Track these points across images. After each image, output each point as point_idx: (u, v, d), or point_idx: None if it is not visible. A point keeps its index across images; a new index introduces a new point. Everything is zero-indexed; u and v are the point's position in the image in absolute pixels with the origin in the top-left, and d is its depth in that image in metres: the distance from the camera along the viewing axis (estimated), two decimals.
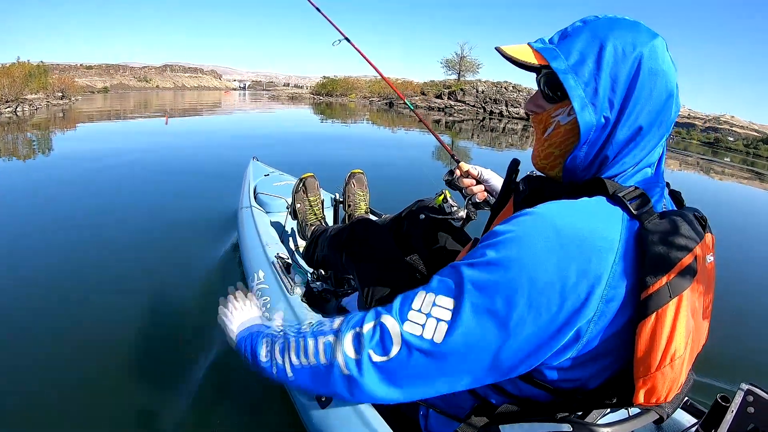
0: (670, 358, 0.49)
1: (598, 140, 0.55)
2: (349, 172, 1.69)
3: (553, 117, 0.58)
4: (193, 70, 51.60)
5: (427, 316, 0.51)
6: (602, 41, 0.53)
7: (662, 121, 0.54)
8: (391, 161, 5.52)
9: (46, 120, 8.89)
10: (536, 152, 0.62)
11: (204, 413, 1.20)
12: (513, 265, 0.49)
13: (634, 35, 0.53)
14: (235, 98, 25.51)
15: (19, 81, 11.50)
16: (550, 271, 0.48)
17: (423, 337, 0.51)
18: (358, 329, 0.55)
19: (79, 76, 29.88)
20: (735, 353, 1.72)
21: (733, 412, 0.60)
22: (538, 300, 0.48)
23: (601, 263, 0.48)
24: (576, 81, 0.53)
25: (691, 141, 29.75)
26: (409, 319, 0.52)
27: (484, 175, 1.03)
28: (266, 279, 1.30)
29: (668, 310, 0.48)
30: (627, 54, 0.52)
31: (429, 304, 0.52)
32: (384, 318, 0.53)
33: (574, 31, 0.56)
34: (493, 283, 0.49)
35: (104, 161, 4.43)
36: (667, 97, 0.54)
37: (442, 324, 0.50)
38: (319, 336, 0.59)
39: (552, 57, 0.54)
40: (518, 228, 0.51)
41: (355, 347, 0.54)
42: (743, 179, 10.36)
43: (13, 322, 1.54)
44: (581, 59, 0.53)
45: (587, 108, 0.53)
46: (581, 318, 0.48)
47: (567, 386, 0.57)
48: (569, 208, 0.51)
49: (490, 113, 23.52)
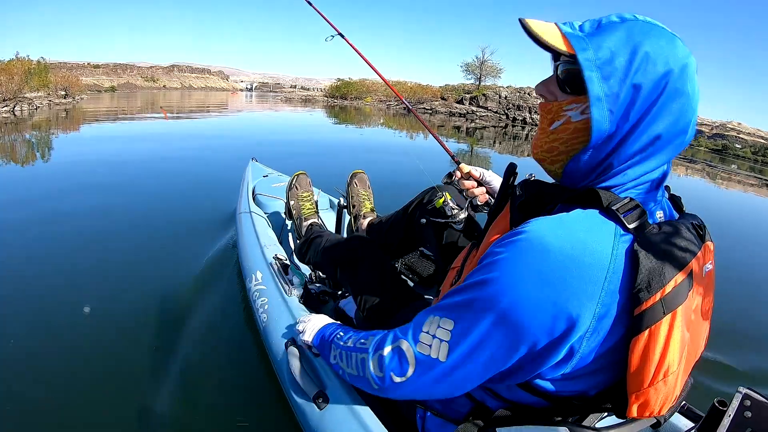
0: (663, 374, 0.49)
1: (605, 148, 0.52)
2: (350, 173, 1.69)
3: (565, 110, 0.54)
4: (201, 71, 51.55)
5: (433, 337, 0.56)
6: (636, 44, 0.49)
7: (675, 142, 0.52)
8: (392, 162, 5.53)
9: (46, 120, 8.61)
10: (538, 142, 0.59)
11: (200, 414, 1.19)
12: (502, 287, 0.50)
13: (669, 49, 0.49)
14: (242, 99, 25.23)
15: (17, 78, 10.99)
16: (540, 290, 0.48)
17: (431, 356, 0.56)
18: (381, 352, 0.62)
19: (86, 75, 29.83)
20: (732, 357, 1.72)
21: (730, 416, 0.59)
22: (526, 319, 0.49)
23: (592, 280, 0.47)
24: (600, 81, 0.49)
25: (699, 148, 29.44)
26: (421, 341, 0.58)
27: (486, 177, 1.01)
28: (264, 280, 1.30)
29: (662, 327, 0.48)
30: (658, 66, 0.49)
31: (435, 326, 0.57)
32: (401, 342, 0.60)
33: (609, 25, 0.51)
34: (482, 304, 0.52)
35: (104, 162, 4.43)
36: (685, 121, 0.51)
37: (444, 344, 0.55)
38: (357, 353, 0.68)
39: (581, 48, 0.50)
40: (507, 250, 0.51)
41: (379, 367, 0.63)
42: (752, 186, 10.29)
43: (13, 322, 1.54)
44: (611, 58, 0.49)
45: (604, 113, 0.50)
46: (573, 335, 0.48)
47: (563, 395, 0.57)
48: (560, 224, 0.50)
49: (513, 120, 22.85)
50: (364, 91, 28.78)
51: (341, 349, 0.74)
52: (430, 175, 1.27)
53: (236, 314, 1.63)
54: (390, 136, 9.84)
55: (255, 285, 1.30)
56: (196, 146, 5.84)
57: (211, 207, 2.91)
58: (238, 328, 1.56)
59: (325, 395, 0.82)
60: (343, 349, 0.73)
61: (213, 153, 5.43)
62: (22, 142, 5.80)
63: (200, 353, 1.41)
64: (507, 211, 0.64)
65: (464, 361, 0.54)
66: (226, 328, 1.56)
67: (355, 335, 0.74)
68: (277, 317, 1.12)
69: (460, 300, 0.55)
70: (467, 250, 0.74)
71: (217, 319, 1.60)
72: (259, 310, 1.20)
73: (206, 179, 3.93)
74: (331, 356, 0.78)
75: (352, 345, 0.71)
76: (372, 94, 27.95)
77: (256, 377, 1.32)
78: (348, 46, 1.55)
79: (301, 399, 0.86)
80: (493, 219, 0.69)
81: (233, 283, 1.85)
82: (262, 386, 1.27)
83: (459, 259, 0.75)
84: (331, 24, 1.57)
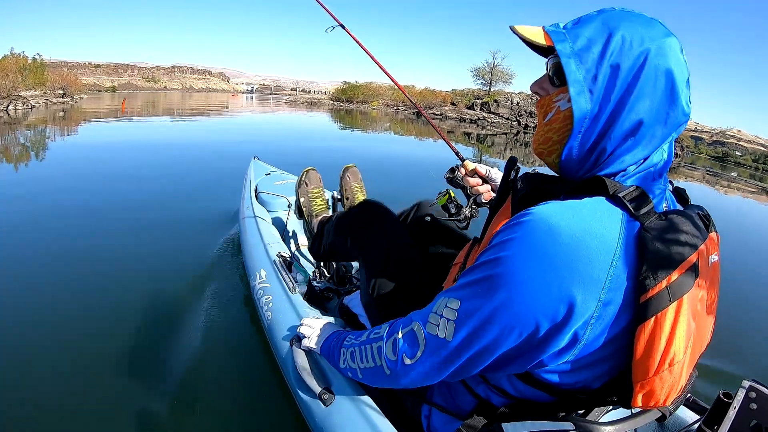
0: (669, 363, 0.49)
1: (593, 131, 0.53)
2: (342, 168, 1.69)
3: (555, 102, 0.57)
4: (202, 72, 51.27)
5: (440, 316, 0.57)
6: (611, 30, 0.52)
7: (666, 119, 0.52)
8: (391, 159, 5.51)
9: (42, 120, 8.34)
10: (537, 137, 0.61)
11: (206, 412, 1.20)
12: (508, 267, 0.50)
13: (646, 30, 0.52)
14: (242, 102, 24.90)
15: (12, 76, 10.53)
16: (545, 271, 0.48)
17: (438, 336, 0.57)
18: (396, 335, 0.63)
19: (87, 75, 29.73)
20: (738, 350, 1.72)
21: (735, 408, 0.59)
22: (531, 300, 0.49)
23: (598, 266, 0.47)
24: (578, 66, 0.53)
25: (699, 155, 29.34)
26: (430, 321, 0.58)
27: (492, 174, 1.01)
28: (268, 278, 1.30)
29: (668, 314, 0.48)
30: (634, 46, 0.51)
31: (443, 306, 0.57)
32: (413, 324, 0.61)
33: (587, 18, 0.55)
34: (487, 284, 0.52)
35: (103, 163, 4.44)
36: (674, 96, 0.51)
37: (450, 323, 0.55)
38: (372, 343, 0.68)
39: (559, 40, 0.54)
40: (515, 231, 0.51)
41: (393, 350, 0.63)
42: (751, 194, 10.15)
43: (13, 323, 1.55)
44: (587, 45, 0.53)
45: (584, 94, 0.53)
46: (576, 320, 0.48)
47: (567, 387, 0.57)
48: (567, 208, 0.50)
49: (525, 127, 22.22)
50: (370, 94, 27.81)
51: (354, 347, 0.73)
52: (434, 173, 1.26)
53: (240, 312, 1.64)
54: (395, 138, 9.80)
55: (259, 283, 1.31)
56: (196, 146, 5.84)
57: (213, 206, 2.92)
58: (242, 326, 1.57)
59: (330, 392, 0.83)
60: (356, 346, 0.73)
61: (214, 153, 5.43)
62: (15, 141, 5.79)
63: (205, 351, 1.42)
64: (508, 204, 0.65)
65: (470, 341, 0.54)
66: (231, 326, 1.57)
67: (367, 331, 0.73)
68: (282, 315, 1.13)
69: (466, 281, 0.55)
70: (469, 245, 0.74)
71: (221, 317, 1.61)
72: (264, 308, 1.20)
73: (208, 178, 3.93)
74: (341, 360, 0.77)
75: (366, 339, 0.71)
76: (379, 98, 27.02)
77: (261, 374, 1.32)
78: (350, 41, 1.53)
79: (307, 396, 0.86)
80: (495, 213, 0.69)
81: (237, 282, 1.85)
82: (268, 383, 1.28)
83: (461, 254, 0.76)
84: (332, 14, 1.56)
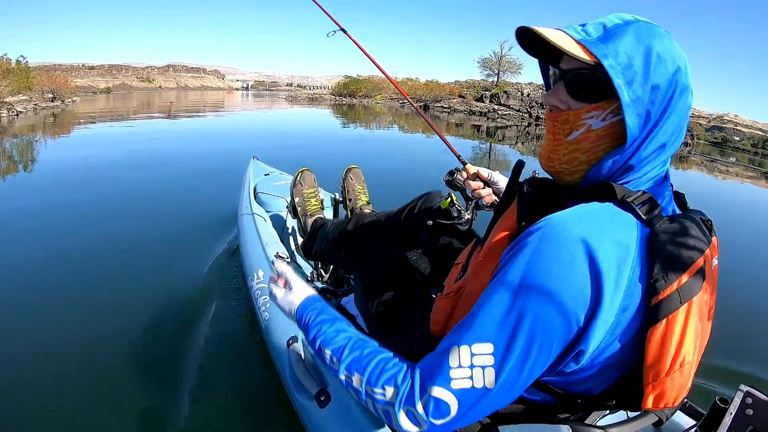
0: (680, 364, 0.49)
1: (629, 151, 0.52)
2: (345, 169, 1.70)
3: (584, 119, 0.53)
4: (196, 70, 51.23)
5: (471, 368, 0.50)
6: (648, 46, 0.50)
7: (681, 132, 0.54)
8: (392, 160, 5.52)
9: (29, 127, 7.93)
10: (554, 155, 0.57)
11: (203, 412, 1.19)
12: (532, 286, 0.48)
13: (672, 46, 0.51)
14: (238, 99, 24.88)
15: None
16: (569, 284, 0.47)
17: (475, 387, 0.50)
18: (412, 409, 0.52)
19: (80, 77, 29.66)
20: (734, 355, 1.72)
21: (731, 414, 0.59)
22: (560, 314, 0.47)
23: (621, 274, 0.47)
24: (625, 86, 0.49)
25: (698, 141, 28.46)
26: (454, 378, 0.51)
27: (493, 178, 1.01)
28: (266, 278, 1.30)
29: (678, 316, 0.48)
30: (668, 65, 0.50)
31: (467, 356, 0.50)
32: (433, 391, 0.51)
33: (616, 28, 0.51)
34: (518, 311, 0.48)
35: (103, 163, 4.43)
36: (688, 115, 0.54)
37: (489, 370, 0.49)
38: (375, 403, 0.56)
39: (602, 54, 0.49)
40: (532, 242, 0.49)
41: (413, 422, 0.53)
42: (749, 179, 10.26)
43: (12, 322, 1.54)
44: (629, 62, 0.49)
45: (635, 118, 0.50)
46: (600, 329, 0.48)
47: (574, 391, 0.57)
48: (584, 215, 0.50)
49: (536, 119, 21.09)
50: (373, 88, 26.38)
51: (335, 358, 0.61)
52: (434, 172, 1.26)
53: (238, 312, 1.64)
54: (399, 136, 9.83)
55: (257, 283, 1.31)
56: (197, 146, 5.84)
57: (212, 206, 2.92)
58: (240, 326, 1.56)
59: (326, 393, 0.82)
60: (341, 362, 0.60)
61: (214, 152, 5.43)
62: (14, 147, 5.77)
63: (202, 352, 1.42)
64: (514, 208, 0.64)
65: (518, 373, 0.49)
66: (228, 327, 1.56)
67: (350, 347, 0.60)
68: (279, 316, 1.12)
69: (490, 320, 0.50)
70: (471, 246, 0.74)
71: (219, 317, 1.61)
72: (261, 309, 1.20)
73: (207, 178, 3.93)
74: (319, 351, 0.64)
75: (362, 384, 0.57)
76: (383, 91, 25.87)
77: (258, 375, 1.32)
78: (349, 43, 1.52)
79: (303, 397, 0.86)
80: (499, 216, 0.68)
81: (235, 282, 1.85)
82: (264, 384, 1.28)
83: (463, 255, 0.75)
84: (333, 19, 1.55)
